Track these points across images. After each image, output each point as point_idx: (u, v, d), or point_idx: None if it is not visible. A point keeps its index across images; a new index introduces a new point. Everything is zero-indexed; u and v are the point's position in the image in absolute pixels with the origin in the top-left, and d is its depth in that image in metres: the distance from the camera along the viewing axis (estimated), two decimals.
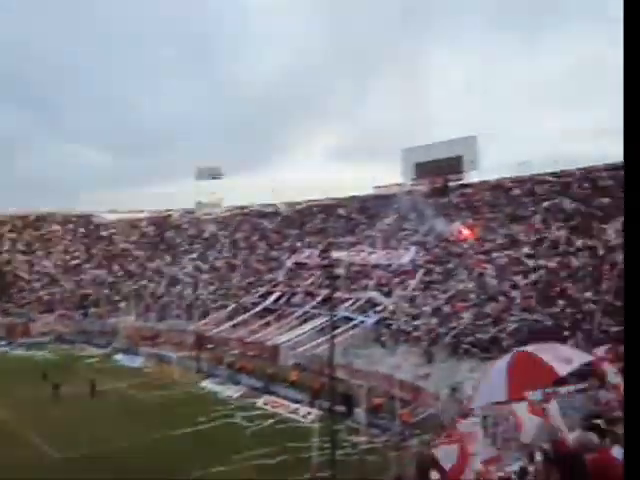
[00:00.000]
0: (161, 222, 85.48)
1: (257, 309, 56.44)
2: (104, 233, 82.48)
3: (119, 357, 51.72)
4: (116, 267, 76.01)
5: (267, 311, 55.09)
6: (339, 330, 42.02)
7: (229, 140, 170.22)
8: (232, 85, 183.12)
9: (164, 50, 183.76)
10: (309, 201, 75.56)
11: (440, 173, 63.30)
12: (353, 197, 71.26)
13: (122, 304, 62.93)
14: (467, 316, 41.47)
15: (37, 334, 61.35)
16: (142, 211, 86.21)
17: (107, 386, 40.79)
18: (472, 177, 62.90)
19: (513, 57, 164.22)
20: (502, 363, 8.95)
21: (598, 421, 7.62)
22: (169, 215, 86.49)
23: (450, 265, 49.40)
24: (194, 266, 71.97)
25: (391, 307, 46.63)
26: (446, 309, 43.55)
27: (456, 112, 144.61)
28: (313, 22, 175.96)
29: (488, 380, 9.39)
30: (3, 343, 57.99)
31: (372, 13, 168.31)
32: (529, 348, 9.11)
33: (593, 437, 6.33)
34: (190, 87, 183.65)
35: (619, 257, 39.35)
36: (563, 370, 8.38)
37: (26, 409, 34.56)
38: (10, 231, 78.27)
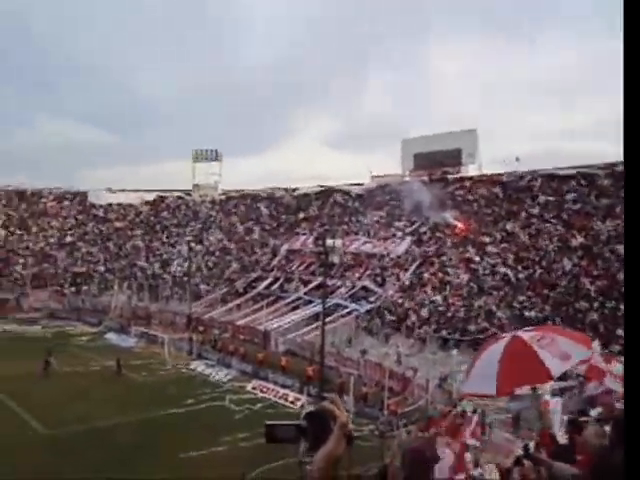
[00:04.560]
0: (157, 202, 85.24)
1: (250, 293, 56.56)
2: (99, 211, 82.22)
3: (110, 336, 51.68)
4: (110, 245, 75.90)
5: (260, 296, 55.18)
6: (331, 317, 42.21)
7: (228, 123, 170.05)
8: (233, 68, 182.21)
9: (166, 29, 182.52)
10: (306, 187, 75.51)
11: (439, 165, 63.31)
12: (350, 185, 71.17)
13: (115, 283, 62.82)
14: (459, 308, 41.66)
15: (30, 310, 61.40)
16: (138, 190, 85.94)
17: (98, 365, 40.93)
18: (471, 170, 63.00)
19: (514, 51, 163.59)
20: (497, 349, 8.66)
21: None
22: (165, 196, 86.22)
23: (444, 257, 49.54)
24: (188, 248, 71.92)
25: (384, 296, 46.78)
26: (438, 300, 43.72)
27: (457, 105, 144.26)
28: (314, 7, 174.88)
29: (480, 365, 9.13)
30: None
31: (374, 1, 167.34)
32: (527, 336, 8.78)
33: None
34: (191, 68, 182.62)
35: (612, 255, 39.63)
36: (558, 369, 8.16)
37: (16, 385, 34.49)
38: (5, 206, 78.01)
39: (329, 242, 45.78)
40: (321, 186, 73.72)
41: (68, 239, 75.93)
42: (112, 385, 36.33)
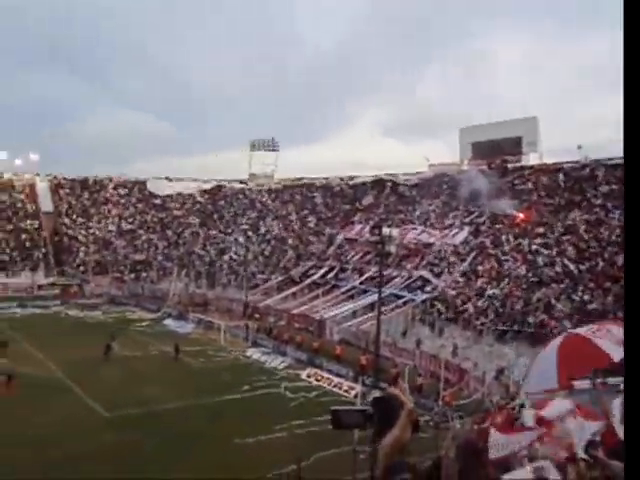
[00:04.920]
0: (214, 191, 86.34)
1: (305, 282, 56.75)
2: (158, 200, 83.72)
3: (169, 322, 52.63)
4: (169, 233, 77.25)
5: (315, 284, 55.32)
6: (386, 307, 41.99)
7: (284, 112, 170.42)
8: (290, 58, 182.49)
9: (224, 18, 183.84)
10: (362, 176, 75.17)
11: (498, 154, 62.13)
12: (407, 174, 70.52)
13: (174, 270, 63.92)
14: (517, 300, 40.89)
15: (91, 295, 63.17)
16: (196, 179, 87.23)
17: (156, 350, 41.75)
18: (531, 159, 61.61)
19: (577, 37, 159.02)
20: (552, 346, 8.59)
21: None
22: (223, 184, 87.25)
23: (503, 248, 48.65)
24: (245, 236, 72.61)
25: (440, 287, 46.28)
26: (496, 292, 43.00)
27: (517, 92, 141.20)
28: None
29: (538, 364, 9.04)
30: (58, 302, 59.64)
31: None
32: (582, 330, 8.65)
33: None
34: (248, 59, 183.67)
35: None
36: (618, 355, 8.01)
37: (79, 368, 35.51)
38: (68, 194, 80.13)
39: (385, 231, 45.49)
40: (377, 175, 73.25)
41: (128, 227, 77.63)
42: (170, 370, 37.03)
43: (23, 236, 70.57)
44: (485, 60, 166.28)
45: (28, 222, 72.87)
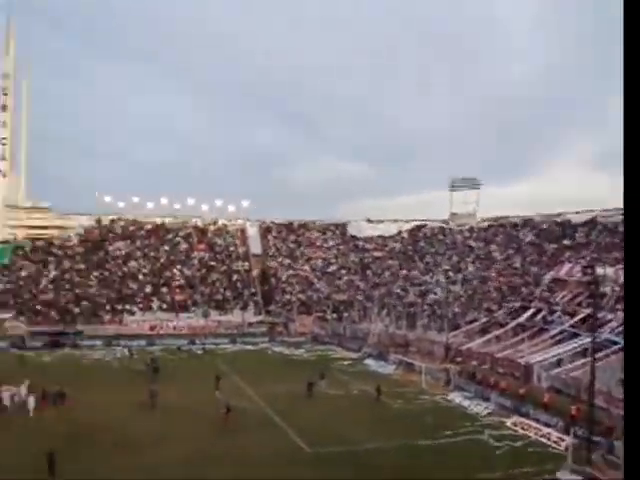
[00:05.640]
0: (415, 231, 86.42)
1: (510, 324, 54.39)
2: (359, 241, 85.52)
3: (369, 362, 52.96)
4: (369, 274, 78.26)
5: (521, 327, 52.82)
6: (600, 353, 38.81)
7: (484, 150, 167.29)
8: (487, 98, 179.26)
9: (420, 64, 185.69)
10: (570, 212, 71.30)
11: None
12: (618, 209, 65.64)
13: (374, 310, 64.42)
14: None
15: (295, 334, 65.81)
16: (396, 220, 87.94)
17: (356, 389, 41.96)
18: None
19: None
20: None
21: None
22: (423, 225, 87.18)
23: None
24: (446, 277, 71.49)
25: None
26: None
27: None
28: (568, 22, 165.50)
29: None
30: (265, 339, 62.95)
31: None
32: None
33: None
34: (446, 100, 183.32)
35: None
36: None
37: (284, 402, 36.73)
38: (275, 237, 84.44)
39: (599, 271, 42.40)
40: (587, 211, 69.06)
41: (330, 268, 79.84)
42: (370, 410, 36.89)
43: (235, 277, 75.31)
44: None
45: (239, 264, 77.84)
